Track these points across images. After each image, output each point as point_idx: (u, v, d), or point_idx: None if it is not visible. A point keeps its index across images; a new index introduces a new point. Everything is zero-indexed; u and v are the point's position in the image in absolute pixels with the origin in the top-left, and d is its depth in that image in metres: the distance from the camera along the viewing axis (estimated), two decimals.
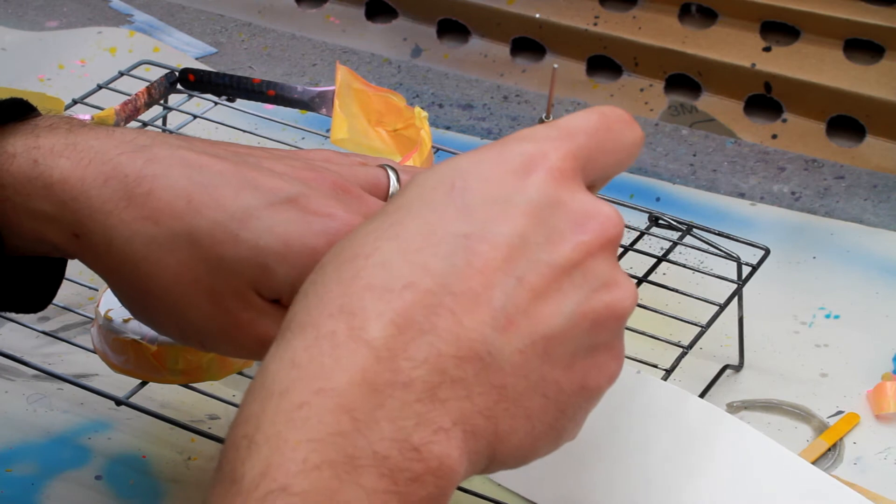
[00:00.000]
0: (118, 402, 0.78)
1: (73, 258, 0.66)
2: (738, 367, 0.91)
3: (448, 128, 1.17)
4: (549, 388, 0.52)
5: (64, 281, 0.71)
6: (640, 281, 0.86)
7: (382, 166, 0.69)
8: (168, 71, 0.99)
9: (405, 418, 0.49)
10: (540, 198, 0.52)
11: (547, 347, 0.51)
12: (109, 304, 0.77)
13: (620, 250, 0.89)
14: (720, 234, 0.88)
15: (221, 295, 0.62)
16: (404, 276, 0.50)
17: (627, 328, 0.83)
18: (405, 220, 0.52)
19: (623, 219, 0.54)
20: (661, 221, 0.89)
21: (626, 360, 0.56)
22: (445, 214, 0.52)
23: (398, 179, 0.68)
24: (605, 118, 0.56)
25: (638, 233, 0.90)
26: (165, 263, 0.62)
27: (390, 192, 0.68)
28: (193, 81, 0.99)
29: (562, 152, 0.53)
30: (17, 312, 0.70)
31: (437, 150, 0.94)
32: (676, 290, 0.86)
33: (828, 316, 0.97)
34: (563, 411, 0.53)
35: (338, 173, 0.66)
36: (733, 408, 0.89)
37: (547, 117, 0.57)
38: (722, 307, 0.84)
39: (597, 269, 0.53)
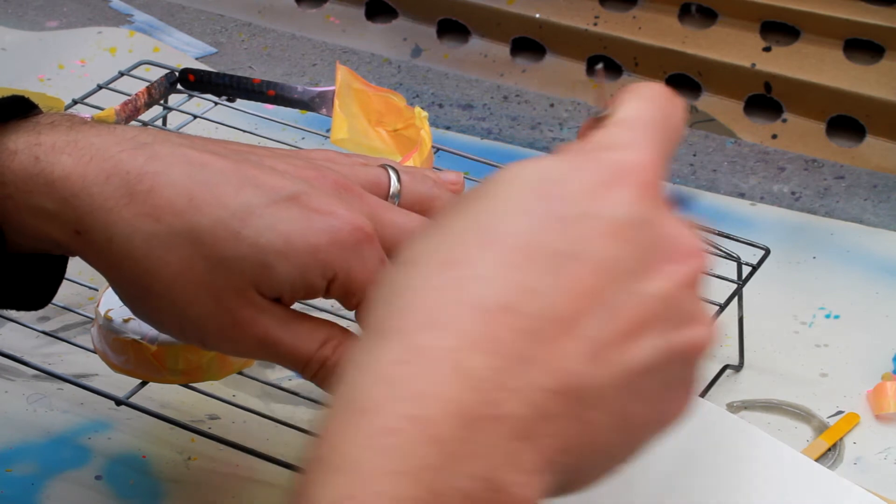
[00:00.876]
0: (118, 402, 0.78)
1: (74, 256, 0.66)
2: (738, 367, 0.91)
3: (448, 128, 1.17)
4: (628, 423, 0.50)
5: (64, 281, 0.71)
6: None
7: (383, 166, 0.69)
8: (168, 71, 0.99)
9: (494, 455, 0.45)
10: (631, 216, 0.49)
11: (633, 382, 0.49)
12: (110, 303, 0.77)
13: None
14: (720, 234, 0.88)
15: (222, 292, 0.62)
16: (502, 296, 0.47)
17: None
18: (500, 225, 0.49)
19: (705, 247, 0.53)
20: None
21: None
22: (542, 226, 0.48)
23: (399, 179, 0.68)
24: (660, 104, 0.53)
25: None
26: (166, 260, 0.62)
27: (391, 192, 0.68)
28: (193, 81, 0.99)
29: (647, 160, 0.51)
30: (18, 310, 0.70)
31: (438, 150, 0.94)
32: None
33: (828, 316, 0.97)
34: (634, 445, 0.51)
35: (339, 172, 0.66)
36: (733, 408, 0.89)
37: (603, 110, 0.55)
38: (722, 307, 0.84)
39: (684, 303, 0.50)
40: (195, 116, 1.00)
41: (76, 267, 0.72)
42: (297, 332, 0.65)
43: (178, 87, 1.00)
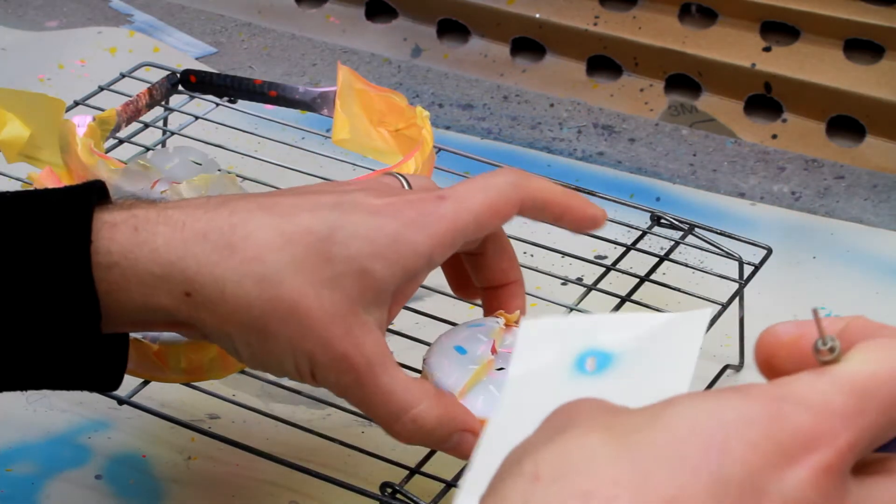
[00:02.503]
0: (120, 402, 0.78)
1: (180, 326, 0.67)
2: (739, 367, 0.92)
3: (448, 128, 1.17)
4: None
5: None
6: (641, 280, 0.86)
7: (391, 173, 0.71)
8: (169, 72, 0.99)
9: None
10: (797, 500, 0.43)
11: None
12: None
13: (622, 250, 0.90)
14: (722, 234, 0.88)
15: (333, 318, 0.65)
16: None
17: None
18: (658, 473, 0.42)
19: None
20: (662, 221, 0.89)
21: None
22: (697, 483, 0.42)
23: (409, 183, 0.71)
24: None
25: (640, 232, 0.90)
26: (279, 297, 0.64)
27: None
28: (195, 83, 0.99)
29: (844, 441, 0.43)
30: (91, 391, 0.71)
31: (439, 149, 0.94)
32: (678, 290, 0.86)
33: (828, 316, 0.96)
34: None
35: (370, 184, 0.70)
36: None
37: (823, 345, 0.46)
38: (724, 306, 0.84)
39: None
40: (196, 117, 1.00)
41: None
42: (398, 380, 0.67)
43: (180, 88, 1.00)
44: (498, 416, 0.55)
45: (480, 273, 0.74)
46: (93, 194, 0.66)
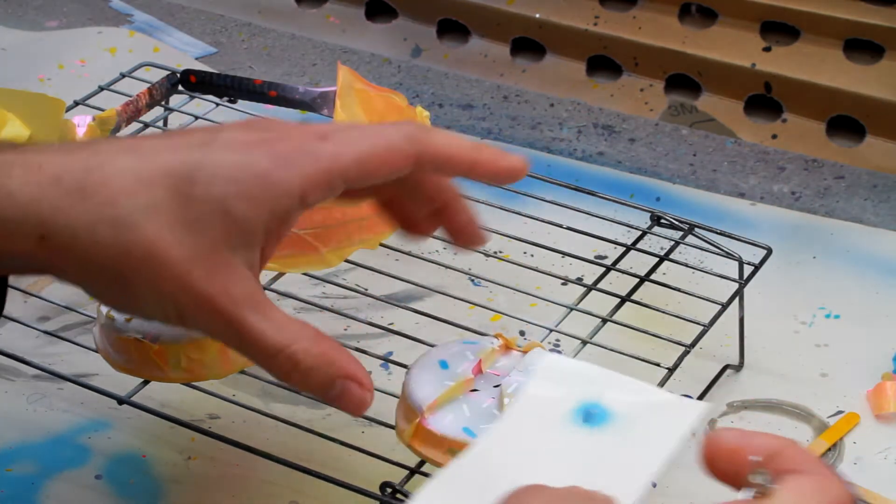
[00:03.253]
0: (120, 401, 0.78)
1: (40, 269, 0.65)
2: (739, 367, 0.92)
3: (448, 127, 1.17)
4: None
5: None
6: (641, 280, 0.86)
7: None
8: (169, 72, 0.99)
9: None
10: None
11: None
12: None
13: (622, 250, 0.90)
14: (722, 234, 0.88)
15: (193, 261, 0.62)
16: None
17: (629, 328, 0.83)
18: None
19: None
20: (662, 221, 0.89)
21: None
22: None
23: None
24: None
25: (640, 232, 0.90)
26: (133, 241, 0.62)
27: None
28: (195, 82, 0.99)
29: None
30: None
31: None
32: (678, 290, 0.86)
33: (828, 316, 0.97)
34: None
35: (255, 119, 0.67)
36: (733, 408, 0.89)
37: (755, 478, 0.52)
38: (724, 306, 0.84)
39: None
40: (196, 117, 1.00)
41: None
42: (272, 320, 0.64)
43: (180, 88, 1.00)
44: (491, 434, 0.56)
45: (416, 200, 0.70)
46: None
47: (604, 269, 0.88)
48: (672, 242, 0.89)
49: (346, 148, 0.64)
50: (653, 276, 0.87)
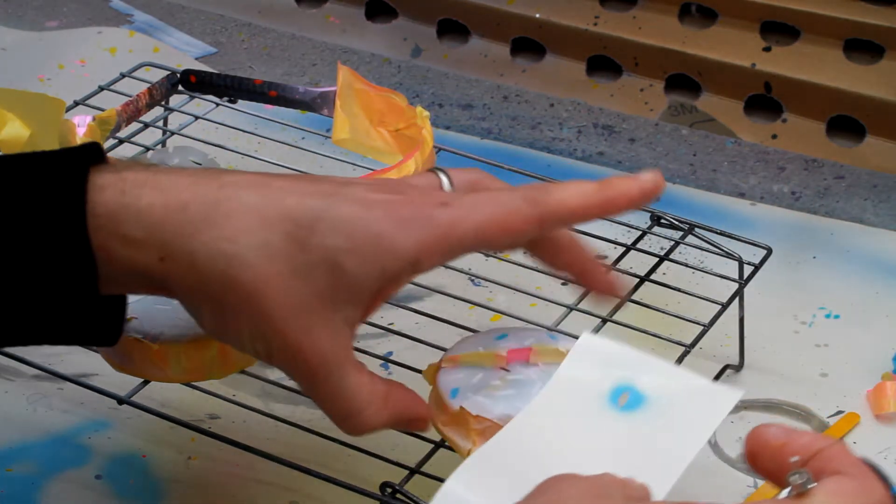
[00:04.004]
0: (120, 401, 0.78)
1: (161, 289, 0.67)
2: (739, 367, 0.92)
3: (448, 127, 1.17)
4: None
5: None
6: (641, 280, 0.86)
7: (433, 170, 0.69)
8: (169, 72, 0.99)
9: None
10: None
11: None
12: None
13: (622, 250, 0.90)
14: (722, 234, 0.88)
15: (295, 308, 0.64)
16: None
17: (629, 328, 0.83)
18: None
19: None
20: (662, 221, 0.89)
21: None
22: None
23: (450, 180, 0.68)
24: None
25: (640, 232, 0.90)
26: (243, 279, 0.64)
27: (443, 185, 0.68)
28: (195, 83, 0.99)
29: None
30: (92, 345, 0.72)
31: (439, 149, 0.94)
32: (678, 290, 0.86)
33: (828, 316, 0.97)
34: None
35: (384, 179, 0.68)
36: (733, 407, 0.89)
37: (795, 478, 0.52)
38: (724, 306, 0.84)
39: None
40: (196, 117, 1.00)
41: None
42: (349, 383, 0.66)
43: (180, 88, 1.00)
44: (527, 410, 0.57)
45: (554, 258, 0.71)
46: (88, 156, 0.66)
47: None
48: (672, 242, 0.89)
49: (466, 215, 0.65)
50: (653, 276, 0.87)
